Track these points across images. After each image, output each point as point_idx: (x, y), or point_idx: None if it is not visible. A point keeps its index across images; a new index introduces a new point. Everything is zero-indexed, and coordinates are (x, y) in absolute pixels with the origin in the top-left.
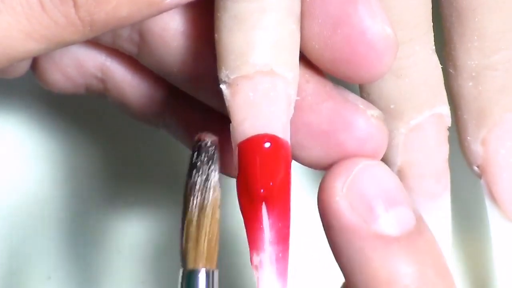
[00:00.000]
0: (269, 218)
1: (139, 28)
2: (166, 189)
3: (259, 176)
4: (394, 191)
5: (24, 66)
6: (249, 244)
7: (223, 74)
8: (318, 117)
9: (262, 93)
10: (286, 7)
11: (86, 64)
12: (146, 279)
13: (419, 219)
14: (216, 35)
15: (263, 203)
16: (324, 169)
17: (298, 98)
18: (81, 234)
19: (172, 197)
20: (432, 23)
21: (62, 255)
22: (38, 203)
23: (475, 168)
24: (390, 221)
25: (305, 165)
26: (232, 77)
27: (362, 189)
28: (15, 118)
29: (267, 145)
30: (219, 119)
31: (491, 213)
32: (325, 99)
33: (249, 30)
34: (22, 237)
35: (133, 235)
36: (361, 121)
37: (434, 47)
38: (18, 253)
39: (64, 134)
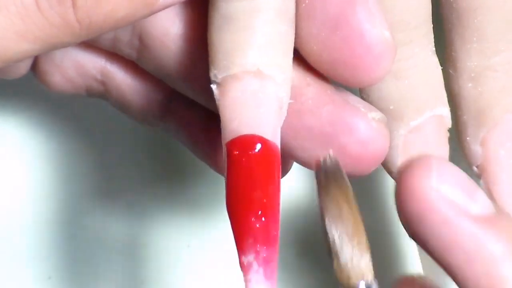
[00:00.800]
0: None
1: (139, 33)
2: (166, 189)
3: (247, 177)
4: (469, 180)
5: (25, 67)
6: (236, 245)
7: (212, 73)
8: (319, 121)
9: (251, 94)
10: (277, 8)
11: (87, 67)
12: (146, 279)
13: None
14: (207, 34)
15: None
16: None
17: (294, 101)
18: (81, 234)
19: (173, 197)
20: (432, 24)
21: (62, 255)
22: (38, 203)
23: (475, 168)
24: (480, 203)
25: (307, 167)
26: (220, 76)
27: (449, 180)
28: (15, 119)
29: (255, 146)
30: (218, 120)
31: None
32: (326, 103)
33: (238, 30)
34: (22, 237)
35: (133, 235)
36: (362, 124)
37: (434, 49)
38: (18, 253)
39: (64, 134)
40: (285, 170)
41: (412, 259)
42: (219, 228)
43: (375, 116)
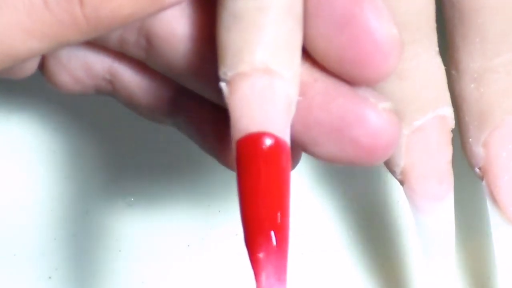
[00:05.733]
0: None
1: (146, 33)
2: (167, 189)
3: (258, 173)
4: None
5: (31, 68)
6: (247, 243)
7: (222, 71)
8: (329, 115)
9: (260, 91)
10: (285, 6)
11: (95, 67)
12: (146, 279)
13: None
14: (216, 33)
15: None
16: (339, 163)
17: (301, 98)
18: (81, 233)
19: (173, 197)
20: (435, 25)
21: (62, 254)
22: (39, 202)
23: (477, 170)
24: None
25: (321, 160)
26: (230, 74)
27: None
28: (17, 117)
29: (265, 142)
30: (227, 116)
31: (493, 215)
32: (335, 97)
33: (246, 28)
34: (22, 237)
35: (133, 235)
36: (373, 116)
37: (437, 49)
38: (18, 252)
39: (65, 133)
40: (295, 162)
41: (413, 259)
42: (219, 228)
43: (385, 106)
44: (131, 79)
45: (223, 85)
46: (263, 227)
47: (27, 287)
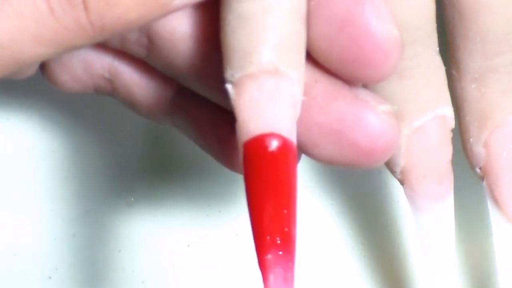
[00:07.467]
0: None
1: (147, 32)
2: (167, 189)
3: (266, 175)
4: None
5: (33, 68)
6: (256, 245)
7: (228, 73)
8: (329, 117)
9: (267, 92)
10: (290, 7)
11: (94, 66)
12: (146, 279)
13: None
14: (221, 35)
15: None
16: (338, 165)
17: (305, 98)
18: (81, 233)
19: (173, 196)
20: (435, 25)
21: (62, 255)
22: (39, 202)
23: (477, 170)
24: None
25: (319, 162)
26: (237, 76)
27: None
28: (17, 117)
29: (273, 144)
30: (228, 116)
31: (493, 215)
32: (335, 98)
33: (253, 30)
34: (22, 237)
35: (133, 235)
36: (372, 118)
37: (437, 49)
38: (18, 253)
39: (65, 133)
40: None
41: (413, 259)
42: (219, 228)
43: (385, 109)
44: (131, 78)
45: (229, 87)
46: (271, 229)
47: (27, 287)
